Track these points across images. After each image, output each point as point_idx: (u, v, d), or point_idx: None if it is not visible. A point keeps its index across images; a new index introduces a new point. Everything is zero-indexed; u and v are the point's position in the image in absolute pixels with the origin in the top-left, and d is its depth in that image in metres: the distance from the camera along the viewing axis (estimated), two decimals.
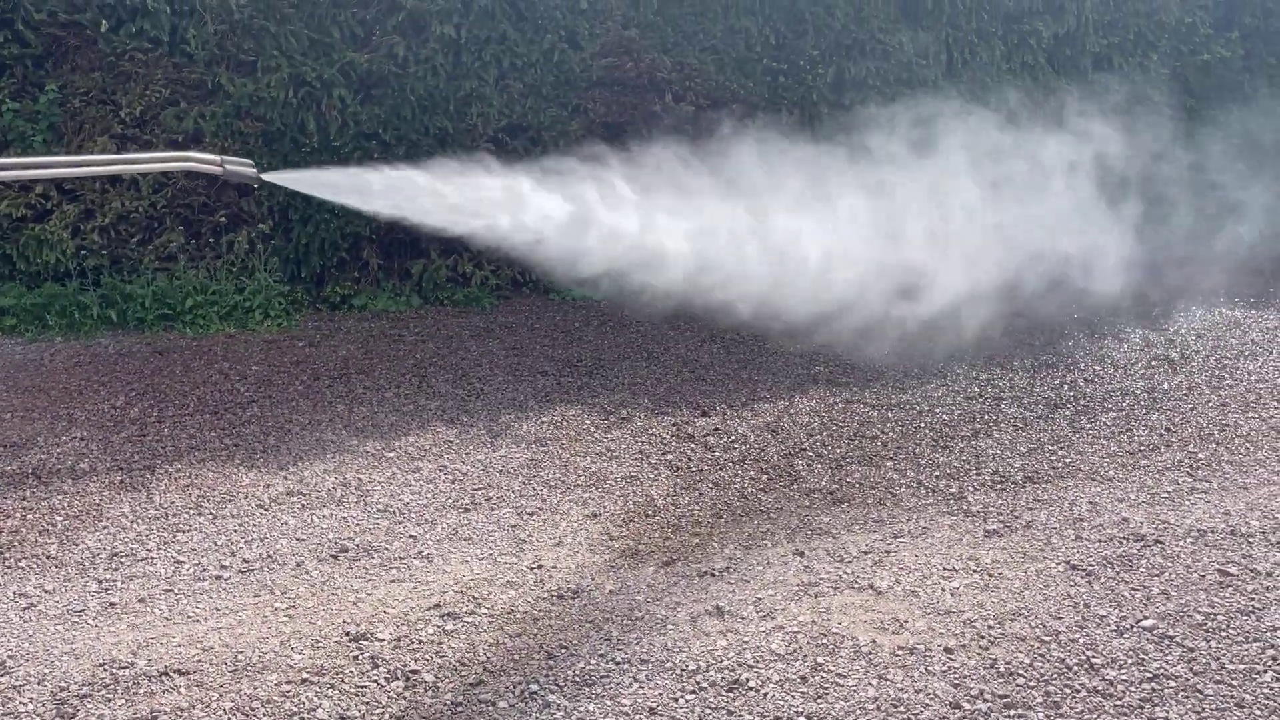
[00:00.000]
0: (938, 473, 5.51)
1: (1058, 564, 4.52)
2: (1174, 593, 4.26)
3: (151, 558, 4.42)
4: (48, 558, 4.37)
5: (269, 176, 5.23)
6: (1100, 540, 4.74)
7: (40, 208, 7.34)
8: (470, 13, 8.00)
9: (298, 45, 7.70)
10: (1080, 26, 10.13)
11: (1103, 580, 4.37)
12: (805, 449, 5.80)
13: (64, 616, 3.95)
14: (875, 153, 6.94)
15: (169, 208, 7.63)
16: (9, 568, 4.28)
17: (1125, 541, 4.72)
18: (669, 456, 5.65)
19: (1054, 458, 5.72)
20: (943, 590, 4.28)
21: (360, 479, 5.25)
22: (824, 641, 3.87)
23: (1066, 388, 6.76)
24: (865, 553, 4.60)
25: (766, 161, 6.68)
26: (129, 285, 7.51)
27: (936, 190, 6.95)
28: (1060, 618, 4.09)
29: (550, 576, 4.33)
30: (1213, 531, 4.78)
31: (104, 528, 4.65)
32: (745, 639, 3.87)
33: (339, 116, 7.80)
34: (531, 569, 4.39)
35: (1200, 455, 5.71)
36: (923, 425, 6.16)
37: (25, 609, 3.99)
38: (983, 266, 6.69)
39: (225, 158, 4.86)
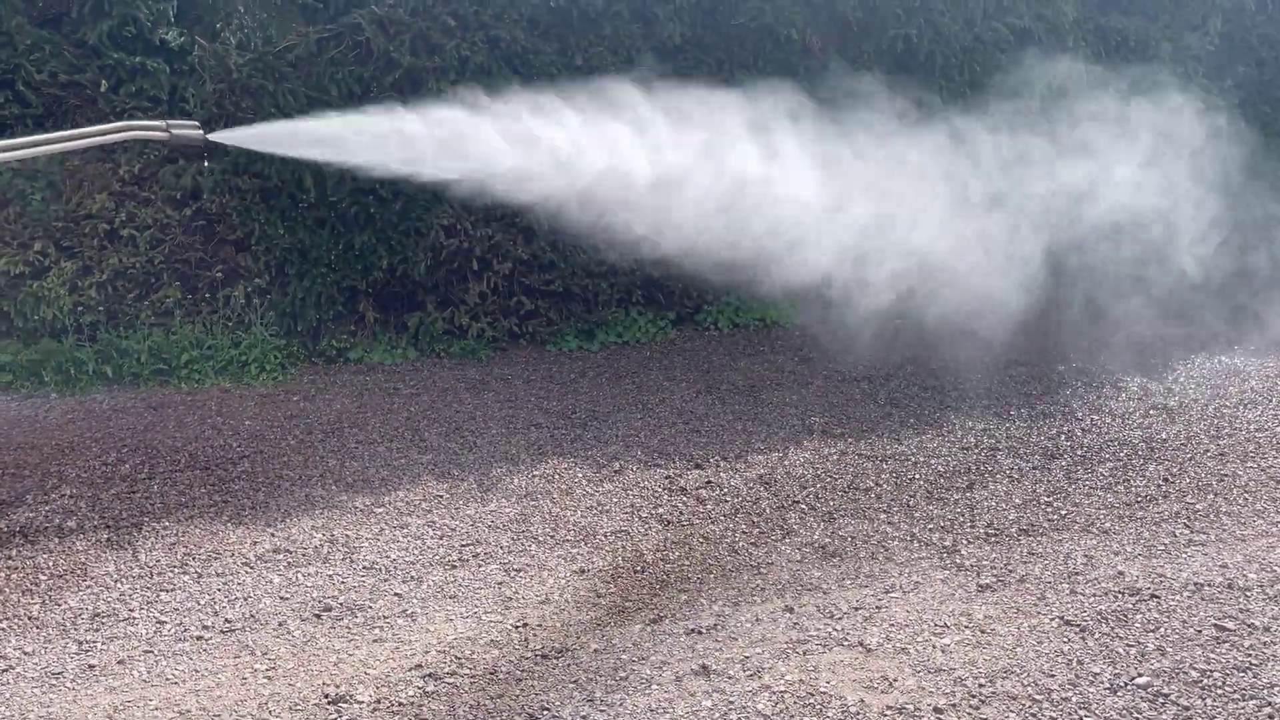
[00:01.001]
0: (931, 525, 5.46)
1: (1052, 619, 4.45)
2: (1169, 648, 4.19)
3: (134, 618, 4.37)
4: (29, 618, 4.33)
5: (216, 136, 5.30)
6: (1095, 594, 4.67)
7: (39, 264, 7.40)
8: (466, 70, 8.09)
9: (295, 103, 7.79)
10: None
11: (1097, 636, 4.30)
12: (798, 501, 5.75)
13: (42, 679, 3.90)
14: None
15: (166, 263, 7.69)
16: None
17: (1120, 595, 4.65)
18: (660, 510, 5.61)
19: (1049, 509, 5.66)
20: (934, 647, 4.21)
21: (348, 535, 5.21)
22: (811, 702, 3.80)
23: (1064, 438, 6.71)
24: (856, 609, 4.54)
25: None
26: (125, 340, 7.54)
27: None
28: (1053, 675, 4.01)
29: (535, 635, 4.28)
30: (1210, 585, 4.71)
31: (88, 587, 4.62)
32: (731, 699, 3.81)
33: (335, 172, 7.86)
34: (516, 628, 4.33)
35: (1198, 506, 5.64)
36: (917, 477, 6.11)
37: (3, 671, 3.95)
38: None
39: (170, 122, 4.90)
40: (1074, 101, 8.62)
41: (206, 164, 7.70)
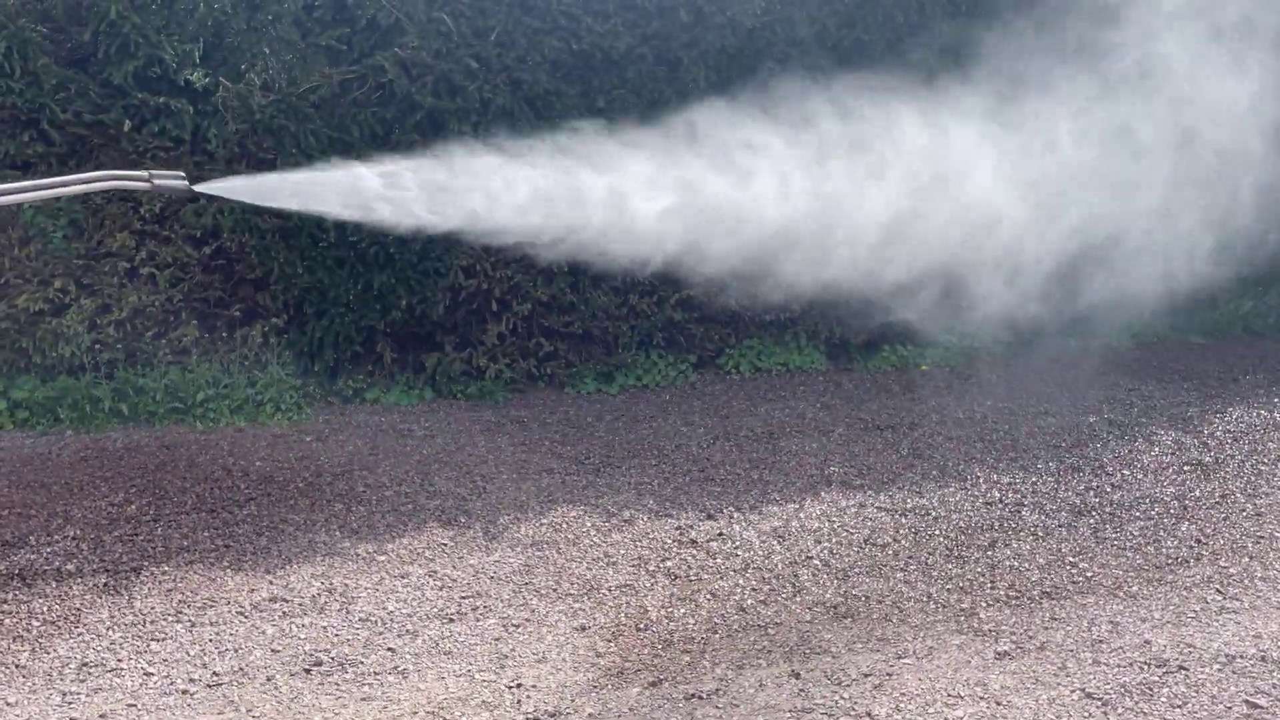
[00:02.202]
0: (949, 586, 5.25)
1: (1072, 691, 4.23)
2: None
3: (121, 668, 4.28)
4: (17, 666, 4.26)
5: (201, 187, 5.21)
6: (1119, 665, 4.45)
7: (58, 301, 7.43)
8: (488, 112, 8.08)
9: (317, 144, 7.80)
10: None
11: (1119, 711, 4.08)
12: (812, 557, 5.56)
13: None
14: None
15: (185, 302, 7.69)
16: None
17: (1146, 667, 4.42)
18: (668, 563, 5.45)
19: (1074, 570, 5.43)
20: None
21: (346, 585, 5.10)
22: None
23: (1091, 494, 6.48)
24: (865, 675, 4.35)
25: None
26: (142, 379, 7.53)
27: None
28: None
29: (529, 697, 4.13)
30: (1241, 657, 4.47)
31: (79, 634, 4.54)
32: None
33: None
34: (510, 688, 4.19)
35: (1231, 570, 5.39)
36: (937, 532, 5.90)
37: None
38: None
39: (154, 172, 4.83)
40: None
41: (229, 203, 7.71)
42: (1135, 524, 6.02)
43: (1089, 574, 5.38)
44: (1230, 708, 4.08)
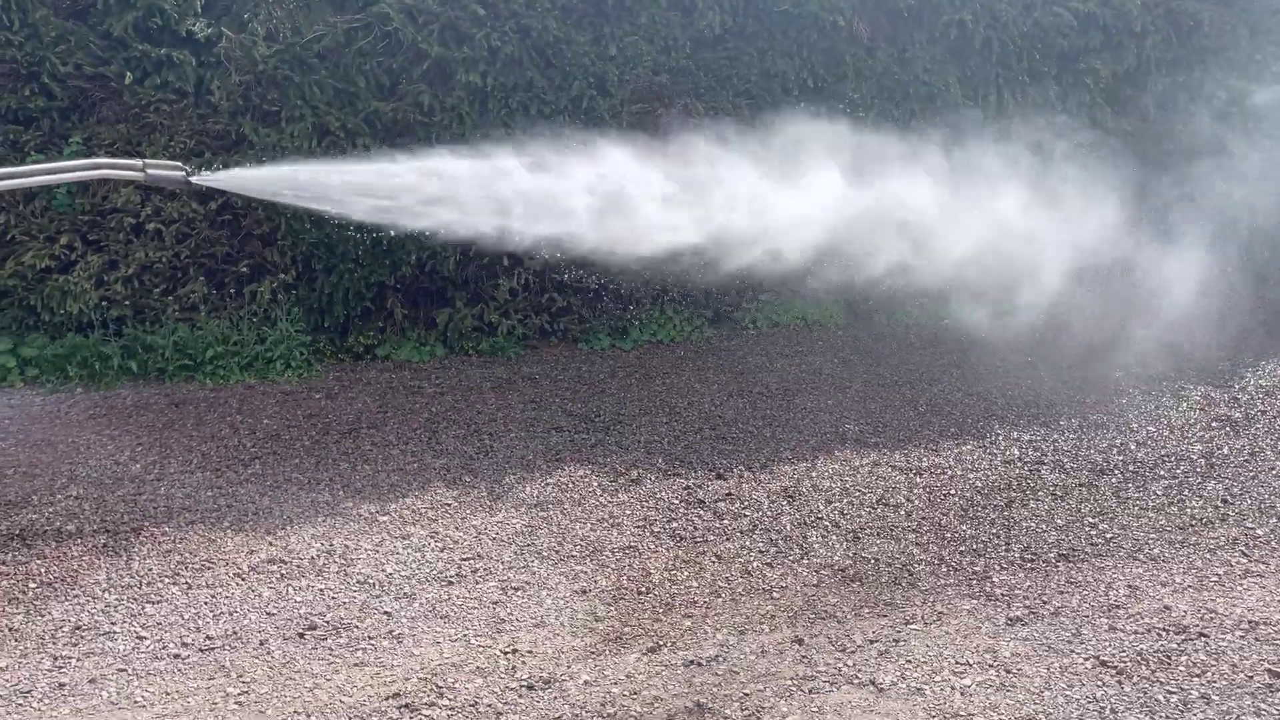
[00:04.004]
0: (962, 548, 5.10)
1: (1086, 659, 4.09)
2: (1215, 696, 3.81)
3: (114, 632, 4.24)
4: (10, 630, 4.22)
5: (199, 179, 5.06)
6: (1136, 632, 4.30)
7: (65, 258, 7.36)
8: (496, 60, 7.87)
9: (322, 95, 7.65)
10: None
11: (1135, 680, 3.93)
12: (822, 518, 5.43)
13: (10, 697, 3.77)
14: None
15: (192, 258, 7.60)
16: None
17: (1165, 633, 4.27)
18: (674, 524, 5.33)
19: (1094, 532, 5.26)
20: (952, 689, 3.89)
21: (346, 546, 5.03)
22: None
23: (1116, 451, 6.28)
24: (871, 641, 4.22)
25: None
26: (151, 336, 7.47)
27: None
28: None
29: (524, 662, 4.04)
30: (1265, 623, 4.30)
31: (74, 597, 4.50)
32: None
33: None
34: (505, 653, 4.10)
35: (1258, 532, 5.20)
36: (952, 492, 5.74)
37: None
38: None
39: (148, 161, 4.70)
40: None
41: (234, 157, 7.58)
42: (1159, 483, 5.83)
43: (1108, 535, 5.21)
44: (1251, 677, 3.92)
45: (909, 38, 9.00)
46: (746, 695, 3.82)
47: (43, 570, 4.72)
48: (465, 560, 4.92)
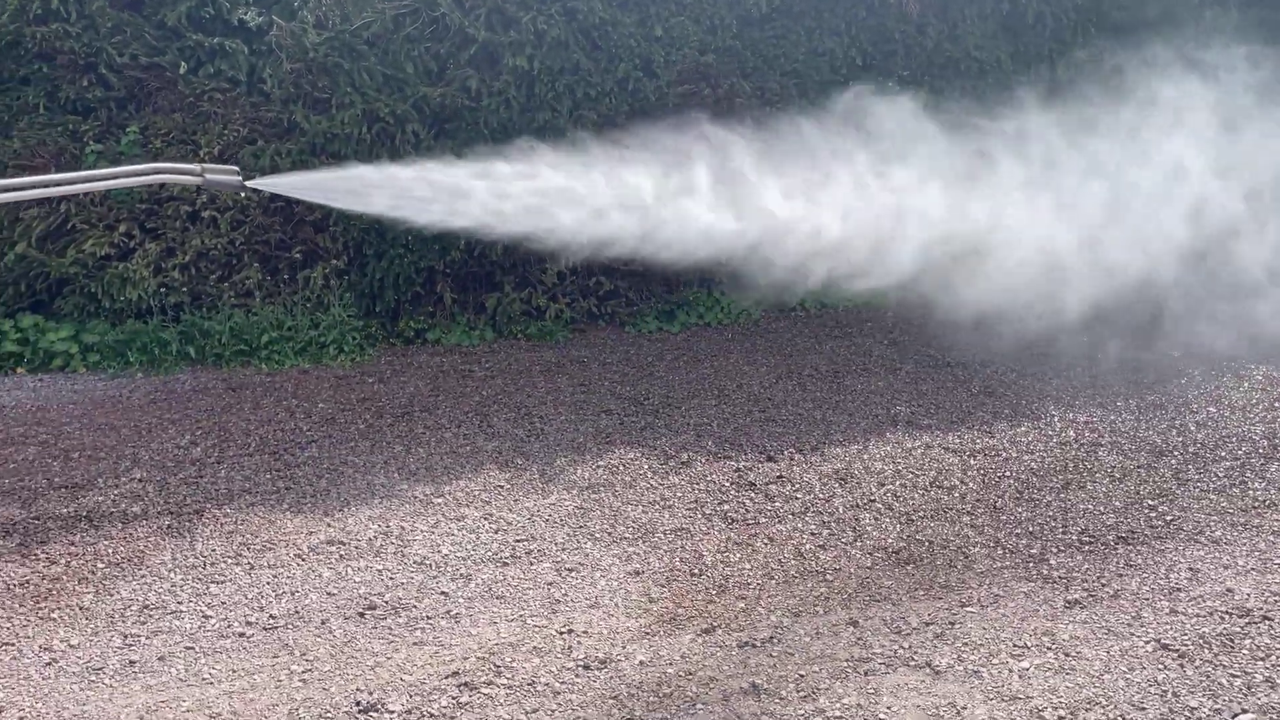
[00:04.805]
0: (1018, 530, 5.05)
1: (1146, 642, 4.04)
2: None
3: (181, 611, 4.35)
4: (80, 609, 4.35)
5: (254, 183, 5.14)
6: (1198, 615, 4.24)
7: (124, 246, 7.51)
8: (543, 44, 7.88)
9: (371, 81, 7.71)
10: None
11: (1197, 664, 3.88)
12: (874, 500, 5.40)
13: (83, 674, 3.89)
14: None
15: (247, 245, 7.72)
16: (42, 619, 4.27)
17: (1228, 616, 4.20)
18: (725, 507, 5.34)
19: (1153, 514, 5.18)
20: (1009, 671, 3.86)
21: (403, 527, 5.11)
22: None
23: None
24: (927, 624, 4.21)
25: None
26: (207, 321, 7.60)
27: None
28: (1144, 708, 3.63)
29: (580, 643, 4.08)
30: None
31: (141, 577, 4.62)
32: None
33: (412, 152, 7.75)
34: (561, 633, 4.15)
35: None
36: (1007, 474, 5.68)
37: (47, 665, 3.95)
38: None
39: (206, 166, 4.79)
40: None
41: (286, 145, 7.68)
42: (1220, 465, 5.72)
43: (1168, 518, 5.14)
44: None
45: (959, 14, 8.87)
46: (802, 677, 3.83)
47: (110, 551, 4.85)
48: (519, 542, 4.97)
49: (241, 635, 4.16)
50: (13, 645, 4.08)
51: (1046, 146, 6.57)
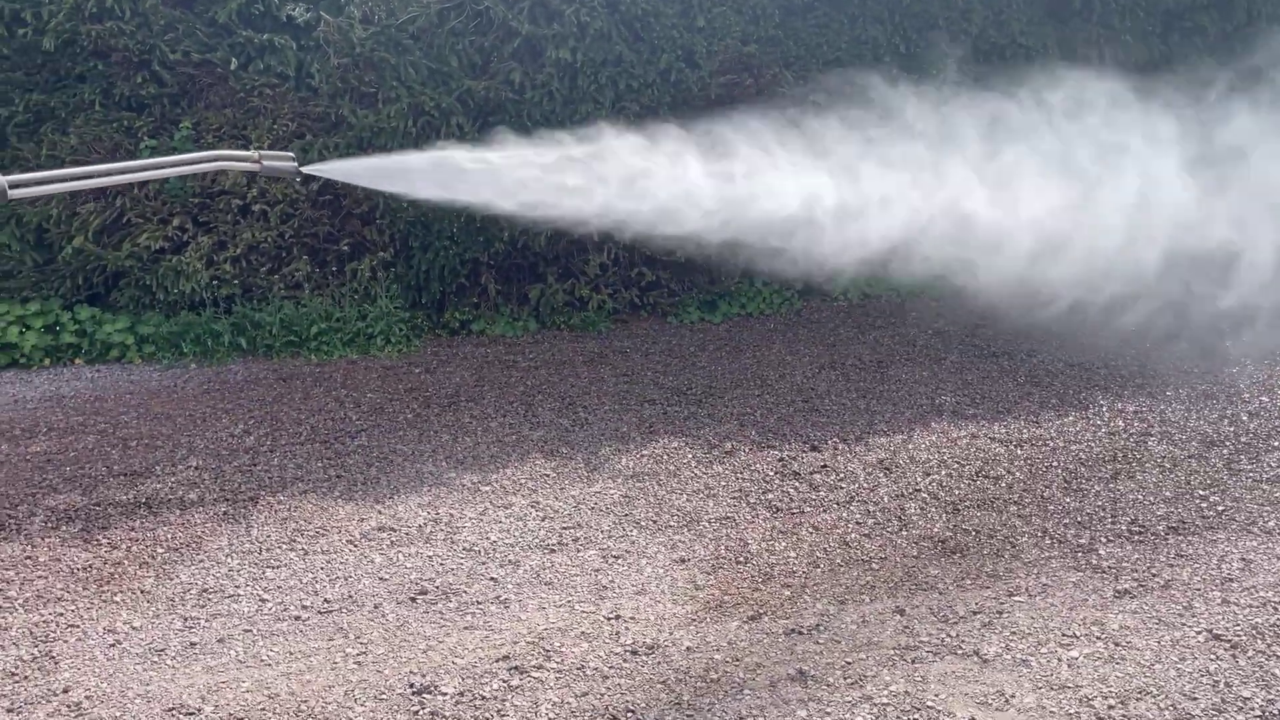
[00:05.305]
0: (1066, 520, 5.03)
1: (1198, 632, 4.02)
2: None
3: (239, 594, 4.45)
4: (142, 592, 4.47)
5: (309, 169, 5.26)
6: (1251, 605, 4.20)
7: (177, 239, 7.67)
8: (585, 36, 7.92)
9: (417, 75, 7.79)
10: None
11: (1250, 654, 3.85)
12: (920, 490, 5.40)
13: (145, 655, 4.00)
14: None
15: (296, 238, 7.84)
16: (105, 602, 4.39)
17: None
18: (770, 495, 5.36)
19: (1204, 504, 5.13)
20: (1059, 660, 3.86)
21: (452, 515, 5.18)
22: (916, 716, 3.53)
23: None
24: (974, 612, 4.21)
25: None
26: (258, 313, 7.74)
27: None
28: (1195, 698, 3.61)
29: (627, 629, 4.13)
30: None
31: (200, 562, 4.74)
32: (828, 710, 3.57)
33: (457, 145, 7.83)
34: (609, 619, 4.20)
35: None
36: (1055, 464, 5.65)
37: (111, 646, 4.07)
38: None
39: (263, 153, 4.91)
40: None
41: (334, 139, 7.79)
42: (1273, 454, 5.65)
43: (1220, 508, 5.08)
44: None
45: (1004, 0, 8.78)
46: (849, 664, 3.85)
47: (169, 536, 4.97)
48: (566, 529, 5.03)
49: (297, 618, 4.26)
50: (78, 627, 4.20)
51: (1092, 131, 6.49)
